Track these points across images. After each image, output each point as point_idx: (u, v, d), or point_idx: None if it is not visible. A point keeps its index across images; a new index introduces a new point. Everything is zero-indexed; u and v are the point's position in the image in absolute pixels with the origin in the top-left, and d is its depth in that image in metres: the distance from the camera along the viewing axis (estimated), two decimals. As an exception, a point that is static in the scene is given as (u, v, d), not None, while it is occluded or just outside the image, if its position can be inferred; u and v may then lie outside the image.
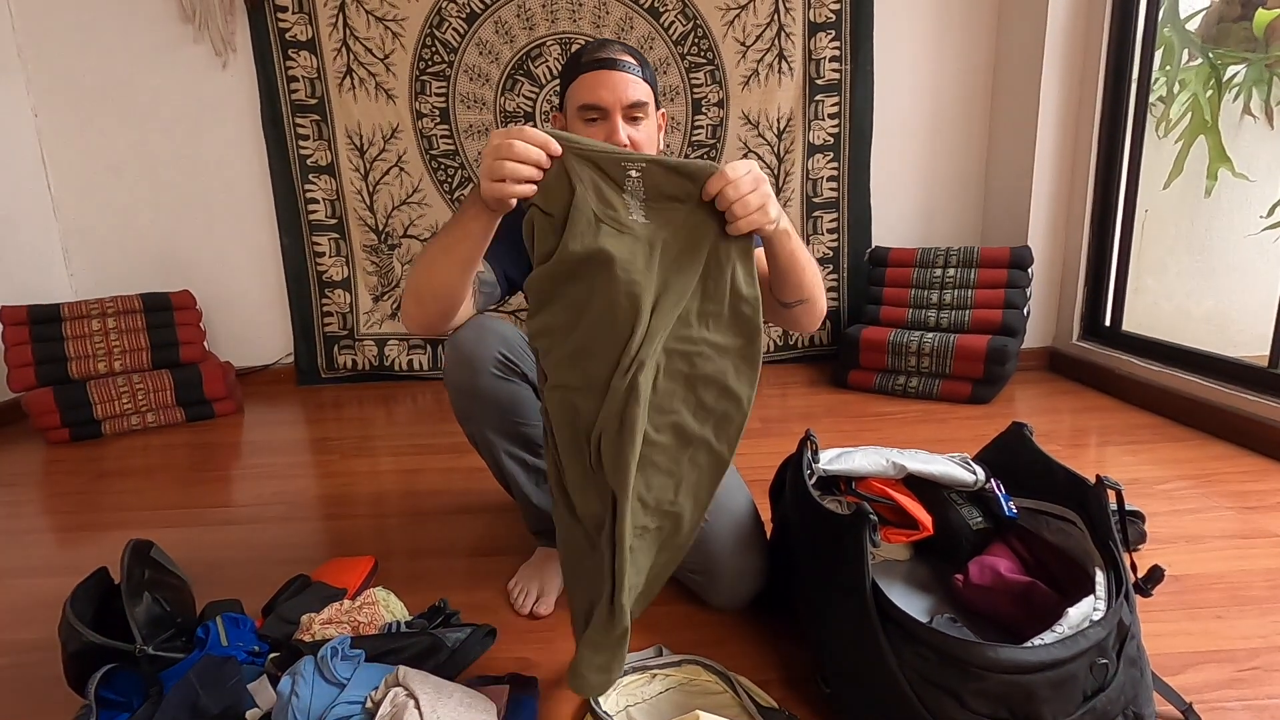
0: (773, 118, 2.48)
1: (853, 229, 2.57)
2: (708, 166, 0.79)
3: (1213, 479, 1.50)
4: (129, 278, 2.49)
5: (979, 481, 0.97)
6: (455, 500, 1.54)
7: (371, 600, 1.01)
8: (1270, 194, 2.18)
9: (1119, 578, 0.79)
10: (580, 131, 1.03)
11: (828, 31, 2.41)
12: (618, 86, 1.01)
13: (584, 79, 1.02)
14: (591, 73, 1.02)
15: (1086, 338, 2.33)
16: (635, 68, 1.03)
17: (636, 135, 1.02)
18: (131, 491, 1.73)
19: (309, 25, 2.37)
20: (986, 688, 0.69)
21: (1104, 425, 1.90)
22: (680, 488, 0.84)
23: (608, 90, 1.01)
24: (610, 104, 1.01)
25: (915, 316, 2.26)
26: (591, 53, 1.03)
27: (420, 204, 2.53)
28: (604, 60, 1.01)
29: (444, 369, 1.10)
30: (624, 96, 1.01)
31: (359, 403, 2.43)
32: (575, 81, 1.03)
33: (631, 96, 1.01)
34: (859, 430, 1.94)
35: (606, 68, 1.01)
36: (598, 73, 1.01)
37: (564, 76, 1.07)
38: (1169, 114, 2.31)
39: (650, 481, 0.81)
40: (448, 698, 0.77)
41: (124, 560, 0.94)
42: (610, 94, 1.00)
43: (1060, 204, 2.34)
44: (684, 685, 0.91)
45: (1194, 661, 0.93)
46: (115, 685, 0.83)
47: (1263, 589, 1.09)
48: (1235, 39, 2.25)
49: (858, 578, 0.78)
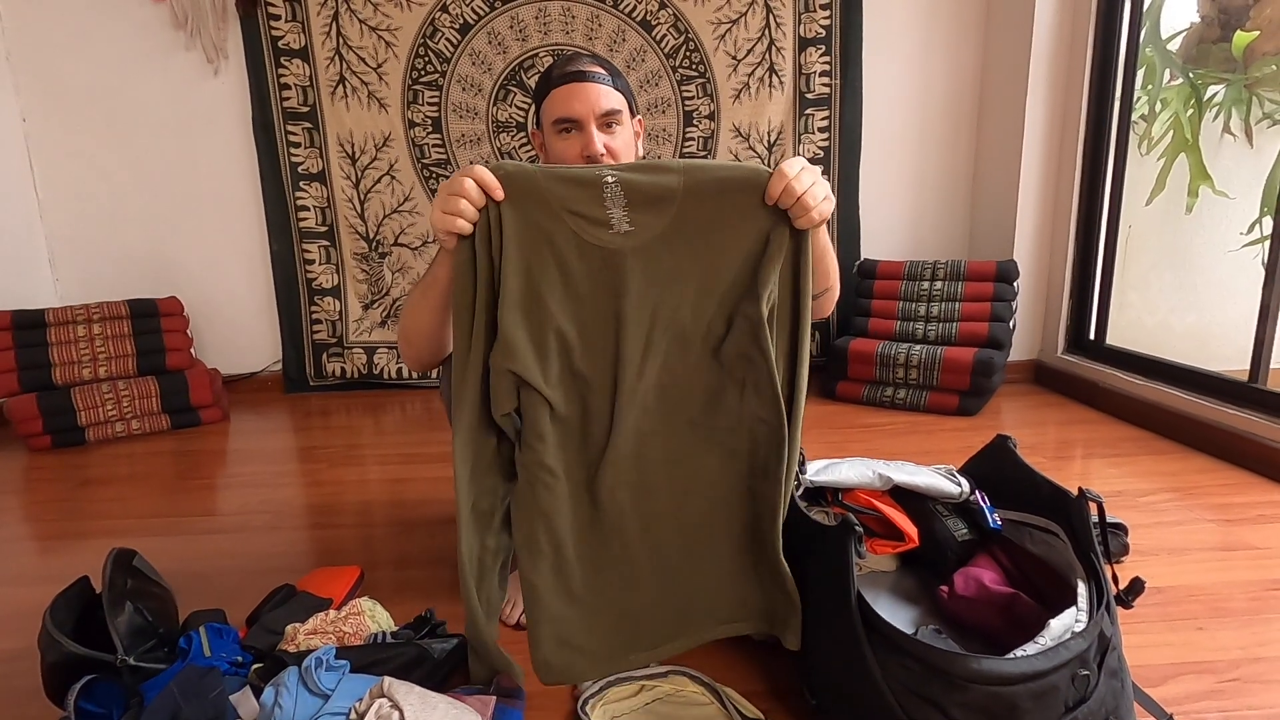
0: (763, 130, 2.50)
1: (842, 241, 2.60)
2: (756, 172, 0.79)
3: (1194, 492, 1.52)
4: (116, 284, 2.47)
5: (964, 493, 0.98)
6: (443, 510, 1.54)
7: (357, 610, 1.00)
8: (1249, 211, 2.22)
9: (1100, 589, 0.79)
10: (556, 145, 1.05)
11: (818, 46, 2.44)
12: (589, 97, 1.02)
13: (556, 94, 1.04)
14: (563, 86, 1.03)
15: (1071, 351, 2.35)
16: (605, 77, 1.04)
17: (613, 143, 1.04)
18: (115, 499, 1.71)
19: (302, 33, 2.38)
20: (970, 699, 0.69)
21: (1088, 438, 1.92)
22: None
23: (580, 102, 1.02)
24: (583, 115, 1.02)
25: (903, 329, 2.28)
26: (561, 67, 1.05)
27: (411, 212, 2.53)
28: (574, 73, 1.03)
29: (439, 380, 1.10)
30: (596, 106, 1.02)
31: (347, 411, 2.42)
32: (548, 97, 1.05)
33: (604, 106, 1.03)
34: (846, 441, 1.95)
35: (577, 80, 1.03)
36: (569, 86, 1.03)
37: (537, 94, 1.09)
38: (1151, 132, 2.36)
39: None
40: (433, 709, 0.76)
41: (106, 569, 0.92)
42: (583, 105, 1.02)
43: (1045, 219, 2.37)
44: (671, 696, 0.91)
45: (1175, 673, 0.94)
46: (95, 696, 0.82)
47: (1243, 601, 1.11)
48: (1215, 60, 2.29)
49: (843, 589, 0.78)
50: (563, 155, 1.05)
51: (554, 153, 1.07)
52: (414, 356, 1.00)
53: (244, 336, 2.61)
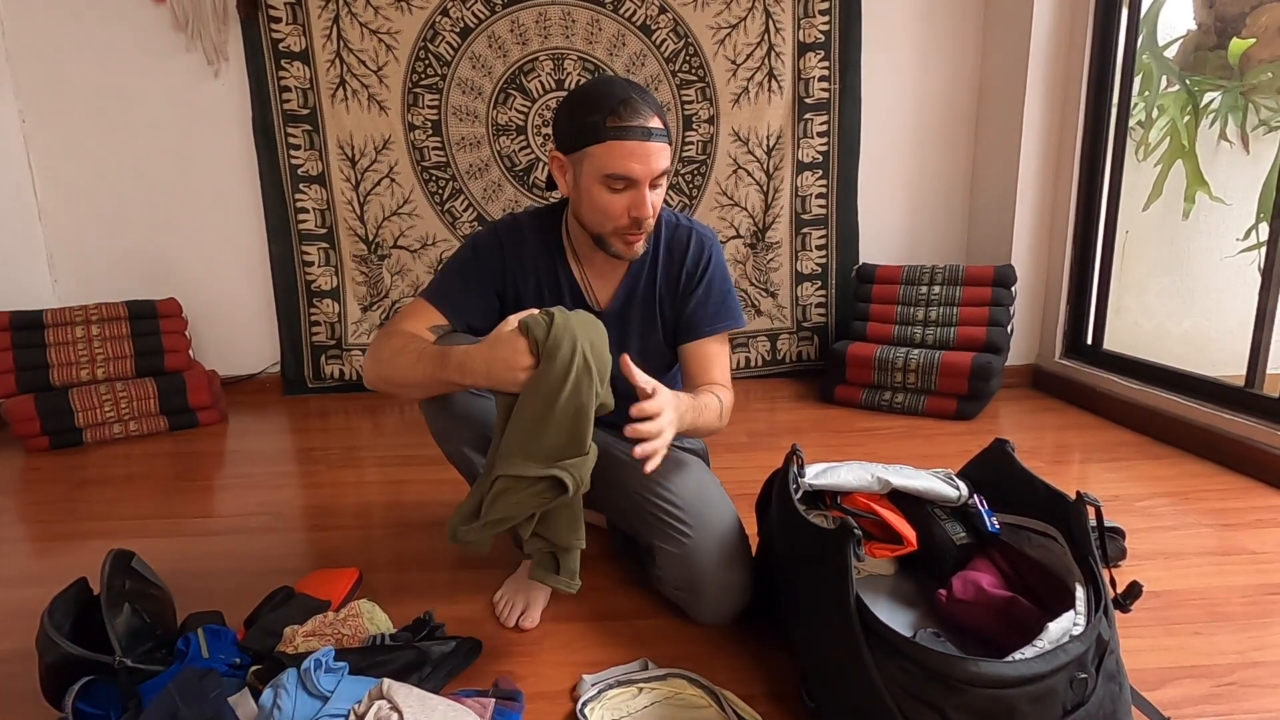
0: (762, 135, 2.51)
1: (841, 246, 2.60)
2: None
3: (1191, 496, 1.53)
4: (115, 285, 2.47)
5: (962, 497, 0.98)
6: (441, 512, 1.54)
7: (356, 613, 1.00)
8: (1245, 217, 2.23)
9: (1098, 593, 0.80)
10: (600, 196, 0.99)
11: (817, 51, 2.45)
12: (650, 159, 0.96)
13: (615, 146, 0.95)
14: (624, 142, 0.95)
15: (1069, 356, 2.36)
16: (664, 134, 0.98)
17: (656, 199, 1.01)
18: (112, 501, 1.71)
19: (303, 36, 2.38)
20: (968, 702, 0.70)
21: (1086, 442, 1.93)
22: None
23: (640, 163, 0.96)
24: (642, 177, 0.97)
25: (901, 333, 2.28)
26: (622, 116, 0.94)
27: (411, 215, 2.53)
28: (638, 130, 0.95)
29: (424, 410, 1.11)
30: (654, 168, 0.97)
31: (345, 413, 2.42)
32: (602, 145, 0.96)
33: (660, 167, 0.98)
34: (845, 445, 1.95)
35: (641, 139, 0.95)
36: (633, 144, 0.95)
37: (580, 129, 0.97)
38: (1148, 138, 2.37)
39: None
40: (432, 710, 0.76)
41: (104, 570, 0.92)
42: (643, 167, 0.96)
43: (1043, 224, 2.38)
44: (669, 699, 0.91)
45: (1172, 677, 0.94)
46: (93, 698, 0.82)
47: (1240, 605, 1.11)
48: (1211, 67, 2.31)
49: (842, 592, 0.78)
50: (607, 208, 0.99)
51: (595, 201, 1.00)
52: (378, 386, 1.06)
53: (243, 338, 2.61)
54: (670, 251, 1.13)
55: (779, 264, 2.61)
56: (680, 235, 1.13)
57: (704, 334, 1.13)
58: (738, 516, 1.09)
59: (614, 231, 1.02)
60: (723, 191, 2.55)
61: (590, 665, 0.98)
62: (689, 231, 1.13)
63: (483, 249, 1.12)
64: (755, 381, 2.61)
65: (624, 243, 1.04)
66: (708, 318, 1.12)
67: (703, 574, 1.02)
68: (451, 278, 1.12)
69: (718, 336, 1.14)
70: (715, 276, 1.13)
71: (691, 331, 1.13)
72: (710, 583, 1.02)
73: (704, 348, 1.13)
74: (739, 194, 2.56)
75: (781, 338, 2.66)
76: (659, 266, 1.12)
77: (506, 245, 1.12)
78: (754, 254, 2.60)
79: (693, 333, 1.13)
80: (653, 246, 1.12)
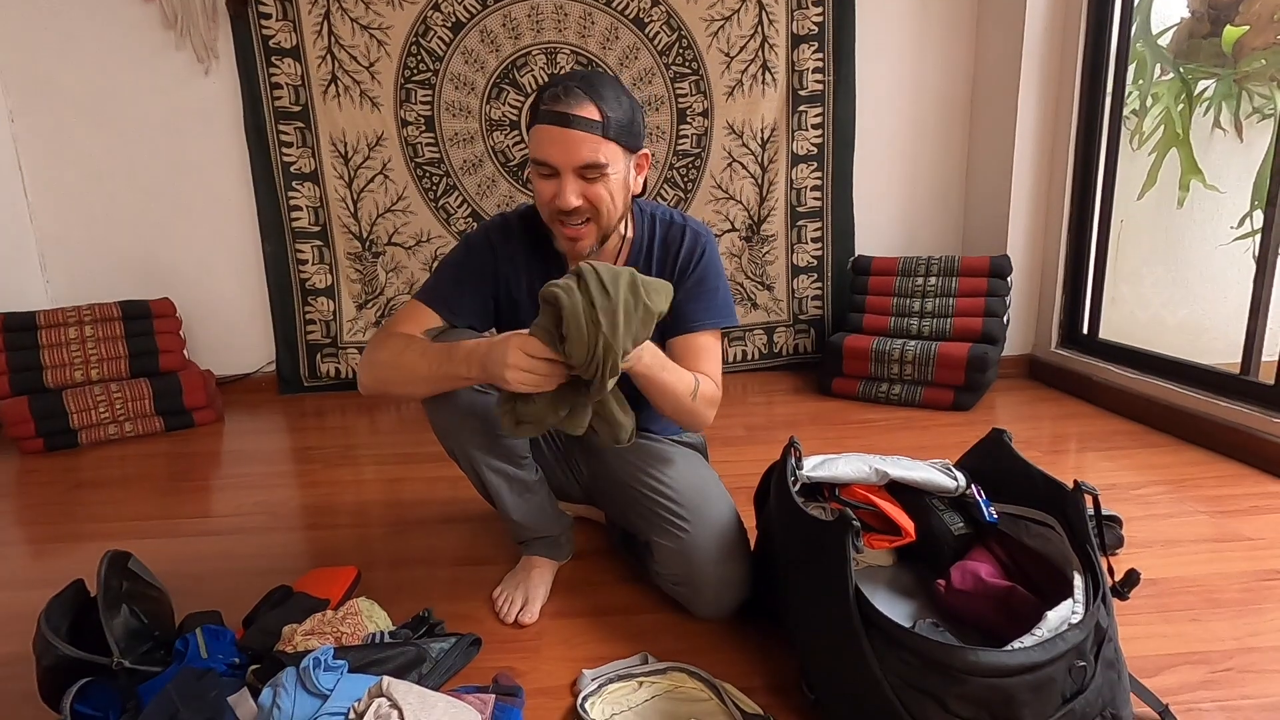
0: (756, 128, 2.50)
1: (836, 238, 2.60)
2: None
3: (1188, 484, 1.53)
4: (108, 285, 2.45)
5: (960, 487, 0.98)
6: (439, 510, 1.54)
7: (354, 611, 1.00)
8: (1240, 205, 2.23)
9: (1096, 581, 0.80)
10: (535, 181, 1.00)
11: (810, 43, 2.44)
12: (569, 147, 0.92)
13: (538, 131, 0.95)
14: (546, 126, 0.93)
15: (1065, 345, 2.37)
16: (595, 124, 0.92)
17: (593, 192, 0.96)
18: (108, 502, 1.70)
19: (293, 32, 2.37)
20: (968, 691, 0.70)
21: (1082, 431, 1.93)
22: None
23: (558, 150, 0.93)
24: (561, 164, 0.94)
25: (898, 325, 2.28)
26: (548, 102, 0.93)
27: (405, 211, 2.52)
28: (558, 115, 0.92)
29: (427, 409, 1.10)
30: (574, 158, 0.93)
31: (342, 411, 2.41)
32: (533, 130, 0.96)
33: (583, 159, 0.93)
34: (842, 437, 1.95)
35: (559, 124, 0.92)
36: (551, 129, 0.93)
37: (530, 111, 0.99)
38: (1142, 127, 2.37)
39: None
40: (432, 708, 0.76)
41: (101, 572, 0.92)
42: (561, 154, 0.93)
43: (1038, 214, 2.38)
44: (670, 692, 0.91)
45: (1170, 663, 0.95)
46: (91, 700, 0.82)
47: (1236, 592, 1.12)
48: (1205, 55, 2.31)
49: (841, 583, 0.78)
50: (539, 193, 1.00)
51: (534, 187, 1.01)
52: (375, 389, 1.04)
53: (237, 337, 2.60)
54: (664, 247, 1.12)
55: (775, 257, 2.61)
56: (674, 231, 1.12)
57: (693, 328, 1.10)
58: (735, 510, 1.09)
59: (549, 221, 1.02)
60: (718, 185, 2.54)
61: (590, 660, 0.98)
62: (683, 228, 1.12)
63: (475, 250, 1.12)
64: (752, 375, 2.61)
65: (564, 238, 1.02)
66: (697, 312, 1.10)
67: (701, 568, 1.02)
68: (447, 279, 1.11)
69: (708, 331, 1.11)
70: (708, 272, 1.12)
71: (681, 325, 1.10)
72: (708, 576, 1.02)
73: (693, 341, 1.10)
74: (734, 187, 2.55)
75: (778, 331, 2.66)
76: (653, 262, 1.12)
77: (498, 247, 1.11)
78: (749, 247, 2.60)
79: (682, 326, 1.10)
80: (647, 243, 1.12)
